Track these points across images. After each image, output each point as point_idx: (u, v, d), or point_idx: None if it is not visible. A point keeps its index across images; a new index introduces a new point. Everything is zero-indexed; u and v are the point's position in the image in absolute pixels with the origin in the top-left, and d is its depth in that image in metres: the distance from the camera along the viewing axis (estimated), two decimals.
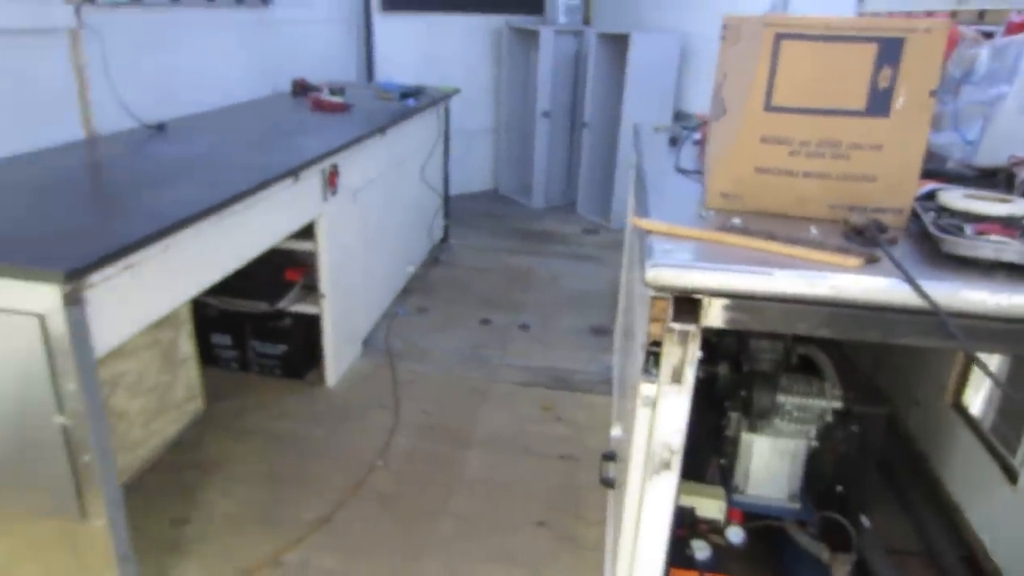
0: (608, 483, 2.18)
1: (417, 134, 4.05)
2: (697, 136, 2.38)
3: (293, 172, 2.39)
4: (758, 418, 1.81)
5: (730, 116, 1.58)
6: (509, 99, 5.95)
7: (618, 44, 5.17)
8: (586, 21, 6.00)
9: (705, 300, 1.29)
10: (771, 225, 1.46)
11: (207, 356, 3.06)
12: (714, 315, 1.30)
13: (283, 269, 3.03)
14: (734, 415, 1.88)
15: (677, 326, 1.31)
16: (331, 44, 4.90)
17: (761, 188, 1.54)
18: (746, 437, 1.86)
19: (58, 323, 1.49)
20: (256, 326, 3.07)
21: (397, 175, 3.78)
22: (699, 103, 5.22)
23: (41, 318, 1.49)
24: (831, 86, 1.42)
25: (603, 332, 3.77)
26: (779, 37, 1.41)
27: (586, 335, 3.76)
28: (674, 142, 2.39)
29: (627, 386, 2.16)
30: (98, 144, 2.59)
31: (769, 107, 1.45)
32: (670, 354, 1.33)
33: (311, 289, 3.07)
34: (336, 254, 2.97)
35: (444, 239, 4.92)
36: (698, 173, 1.96)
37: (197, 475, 2.49)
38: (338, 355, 3.13)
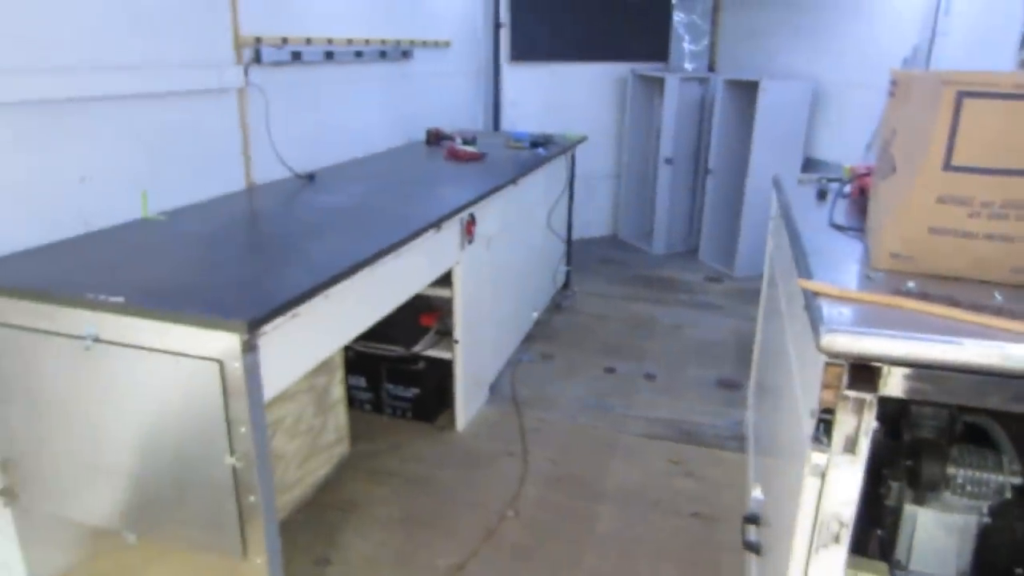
0: (752, 547, 2.10)
1: (545, 182, 4.11)
2: (847, 190, 2.30)
3: (437, 223, 2.46)
4: (925, 490, 1.70)
5: (901, 174, 1.53)
6: (631, 145, 5.97)
7: (746, 90, 5.11)
8: (711, 67, 5.97)
9: (884, 368, 1.24)
10: (950, 289, 1.39)
11: None
12: (894, 384, 1.24)
13: (418, 314, 3.11)
14: (895, 484, 1.77)
15: (852, 394, 1.26)
16: (460, 93, 5.07)
17: (935, 250, 1.47)
18: (909, 509, 1.75)
19: (235, 368, 1.58)
20: (391, 369, 3.16)
21: (526, 222, 3.84)
22: (831, 150, 5.09)
23: (220, 363, 1.58)
24: (1019, 145, 1.35)
25: (731, 385, 3.67)
26: (961, 95, 1.35)
27: (713, 388, 3.67)
28: (822, 195, 2.33)
29: (773, 447, 2.09)
30: (257, 193, 2.76)
31: (948, 166, 1.40)
32: (843, 423, 1.28)
33: (443, 334, 3.14)
34: (470, 301, 3.03)
35: (566, 285, 4.94)
36: (856, 230, 1.90)
37: (338, 515, 2.56)
38: (467, 400, 3.18)
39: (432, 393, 3.18)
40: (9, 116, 1.91)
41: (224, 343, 1.57)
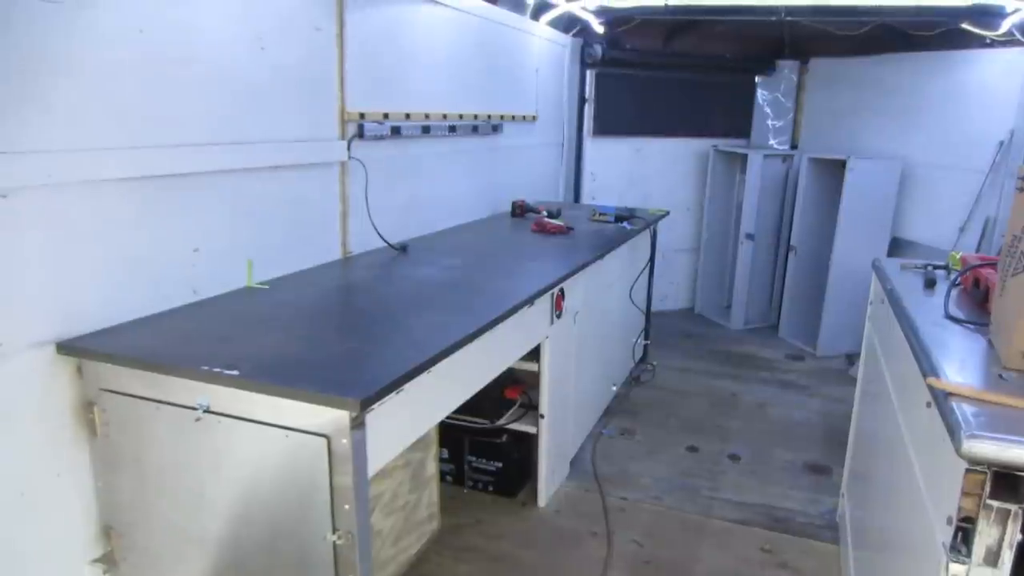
0: None
1: (629, 256, 4.11)
2: (958, 279, 2.22)
3: (531, 299, 2.46)
4: None
5: None
6: (711, 220, 5.94)
7: (831, 168, 5.05)
8: (793, 144, 5.94)
9: None
10: None
11: None
12: None
13: (503, 387, 3.10)
14: None
15: (996, 504, 1.19)
16: (543, 165, 5.15)
17: None
18: None
19: (343, 445, 1.58)
20: (474, 442, 3.14)
21: (609, 296, 3.83)
22: (919, 231, 4.98)
23: (327, 439, 1.59)
24: None
25: (820, 470, 3.53)
26: None
27: (801, 472, 3.54)
28: (930, 284, 2.26)
29: (883, 545, 1.98)
30: (353, 264, 2.82)
31: None
32: (985, 533, 1.21)
33: (526, 407, 3.12)
34: (556, 375, 3.01)
35: (643, 358, 4.87)
36: (975, 324, 1.82)
37: None
38: (550, 475, 3.13)
39: (515, 467, 3.14)
40: (136, 190, 2.00)
41: (333, 419, 1.58)
